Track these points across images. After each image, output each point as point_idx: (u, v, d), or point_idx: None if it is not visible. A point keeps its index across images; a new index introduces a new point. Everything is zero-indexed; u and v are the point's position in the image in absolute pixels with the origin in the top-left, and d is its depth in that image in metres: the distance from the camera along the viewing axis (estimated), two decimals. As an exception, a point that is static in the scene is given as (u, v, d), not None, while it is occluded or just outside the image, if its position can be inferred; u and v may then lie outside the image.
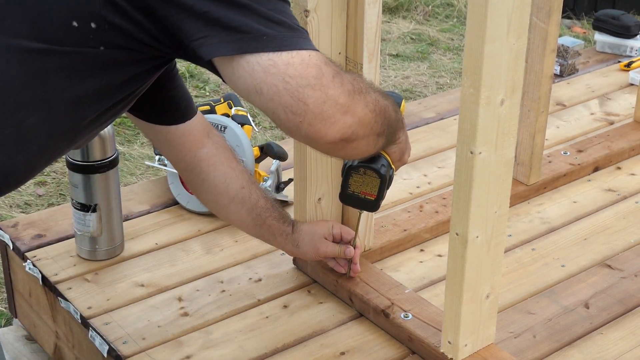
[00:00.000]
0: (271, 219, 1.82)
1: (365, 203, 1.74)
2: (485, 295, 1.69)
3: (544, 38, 2.21)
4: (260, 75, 1.27)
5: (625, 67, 3.20)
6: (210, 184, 1.77)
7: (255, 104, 1.31)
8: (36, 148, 1.35)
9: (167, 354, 1.80)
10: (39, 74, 1.29)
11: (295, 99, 1.28)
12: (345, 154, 1.47)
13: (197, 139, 1.75)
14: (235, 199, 1.78)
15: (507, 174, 1.60)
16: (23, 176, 1.40)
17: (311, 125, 1.31)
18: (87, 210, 2.02)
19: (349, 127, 1.35)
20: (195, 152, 1.75)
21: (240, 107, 2.36)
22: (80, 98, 1.34)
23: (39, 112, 1.31)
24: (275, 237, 1.85)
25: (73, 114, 1.35)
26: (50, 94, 1.31)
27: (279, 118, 1.31)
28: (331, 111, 1.31)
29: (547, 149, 2.55)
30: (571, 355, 1.80)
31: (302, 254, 1.88)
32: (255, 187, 1.81)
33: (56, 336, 2.07)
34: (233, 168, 1.79)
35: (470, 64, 1.46)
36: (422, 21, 4.89)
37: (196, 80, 3.95)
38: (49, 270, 2.04)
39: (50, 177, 3.16)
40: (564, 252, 2.15)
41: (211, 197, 1.80)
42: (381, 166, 1.68)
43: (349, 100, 1.34)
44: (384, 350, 1.82)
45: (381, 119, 1.46)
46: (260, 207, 1.81)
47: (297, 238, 1.85)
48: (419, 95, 3.95)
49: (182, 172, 1.80)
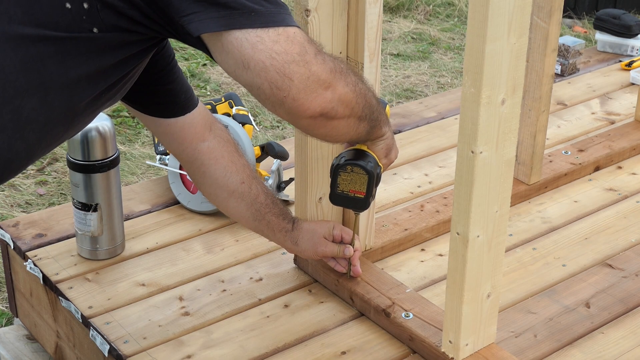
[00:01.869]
0: (271, 214, 1.82)
1: (356, 201, 1.74)
2: (486, 294, 1.69)
3: (545, 37, 2.21)
4: (248, 51, 1.31)
5: (626, 66, 3.20)
6: (211, 177, 1.78)
7: (240, 79, 1.35)
8: (35, 134, 1.37)
9: (168, 354, 1.80)
10: (34, 60, 1.30)
11: (281, 74, 1.33)
12: (326, 133, 1.49)
13: (198, 132, 1.75)
14: (234, 193, 1.79)
15: (508, 173, 1.60)
16: (24, 162, 1.42)
17: (295, 100, 1.36)
18: (88, 210, 2.02)
19: (329, 101, 1.40)
20: (196, 145, 1.76)
21: (241, 106, 2.36)
22: (75, 82, 1.35)
23: (36, 97, 1.32)
24: (274, 233, 1.85)
25: (69, 98, 1.37)
26: (46, 79, 1.32)
27: (264, 93, 1.35)
28: (314, 86, 1.37)
29: (548, 148, 2.55)
30: (572, 355, 1.80)
31: (301, 252, 1.88)
32: (256, 182, 1.82)
33: (57, 336, 2.07)
34: (234, 162, 1.79)
35: (471, 63, 1.47)
36: (423, 20, 4.89)
37: (197, 80, 3.95)
38: (49, 269, 2.05)
39: (51, 177, 3.16)
40: (565, 251, 2.15)
41: (211, 190, 1.81)
42: (368, 162, 1.69)
43: (331, 76, 1.39)
44: (384, 349, 1.82)
45: (362, 101, 1.50)
46: (260, 202, 1.81)
47: (297, 235, 1.85)
48: (420, 94, 3.95)
49: (184, 163, 1.82)
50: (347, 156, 1.71)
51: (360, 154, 1.70)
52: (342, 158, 1.71)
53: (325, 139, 1.55)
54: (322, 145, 1.89)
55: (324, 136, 1.53)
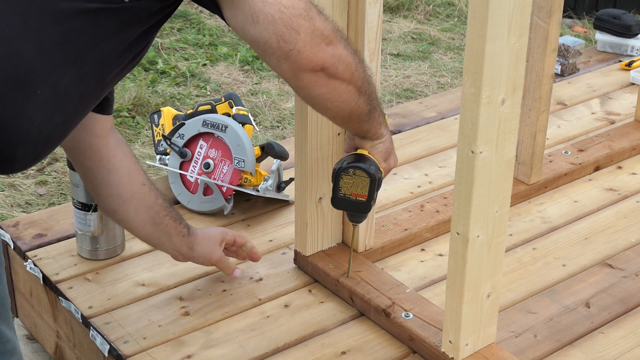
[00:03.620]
0: (169, 218, 1.84)
1: (358, 205, 1.75)
2: (486, 294, 1.69)
3: (545, 37, 2.21)
4: (258, 4, 1.37)
5: (626, 66, 3.20)
6: (117, 175, 1.77)
7: (247, 35, 1.40)
8: (71, 107, 1.40)
9: (168, 354, 1.80)
10: (71, 34, 1.33)
11: (289, 27, 1.39)
12: (327, 94, 1.51)
13: (108, 129, 1.76)
14: (137, 194, 1.79)
15: (508, 173, 1.60)
16: (61, 136, 1.44)
17: (300, 52, 1.41)
18: (88, 210, 2.02)
19: (331, 56, 1.46)
20: (107, 141, 1.75)
21: (241, 106, 2.36)
22: (106, 54, 1.39)
23: (72, 71, 1.35)
24: (171, 237, 1.85)
25: (100, 71, 1.40)
26: (82, 52, 1.35)
27: (270, 47, 1.40)
28: (318, 40, 1.43)
29: (548, 148, 2.55)
30: (572, 355, 1.80)
31: (196, 258, 1.90)
32: (153, 186, 1.84)
33: (57, 336, 2.07)
34: (136, 164, 1.81)
35: (471, 63, 1.47)
36: (423, 20, 4.89)
37: (197, 80, 3.95)
38: (49, 269, 2.05)
39: (51, 177, 3.16)
40: (565, 251, 2.15)
41: (114, 190, 1.78)
42: (370, 166, 1.70)
43: (333, 35, 1.46)
44: (384, 349, 1.82)
45: (362, 72, 1.54)
46: (159, 205, 1.82)
47: (193, 241, 1.87)
48: (420, 94, 3.95)
49: (88, 160, 1.77)
50: (349, 160, 1.72)
51: (362, 157, 1.71)
52: (344, 162, 1.72)
53: (325, 104, 1.54)
54: (323, 145, 1.89)
55: (325, 99, 1.53)
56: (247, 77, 4.03)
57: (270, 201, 2.32)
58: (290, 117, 3.64)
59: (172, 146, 2.28)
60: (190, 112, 2.36)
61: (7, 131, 1.31)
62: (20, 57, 1.28)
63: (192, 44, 4.31)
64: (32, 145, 1.36)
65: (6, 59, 1.27)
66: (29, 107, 1.31)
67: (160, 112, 2.43)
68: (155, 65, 4.03)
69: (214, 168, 2.24)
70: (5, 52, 1.27)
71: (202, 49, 4.25)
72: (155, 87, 3.83)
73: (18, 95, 1.29)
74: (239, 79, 4.01)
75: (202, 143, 2.26)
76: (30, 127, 1.33)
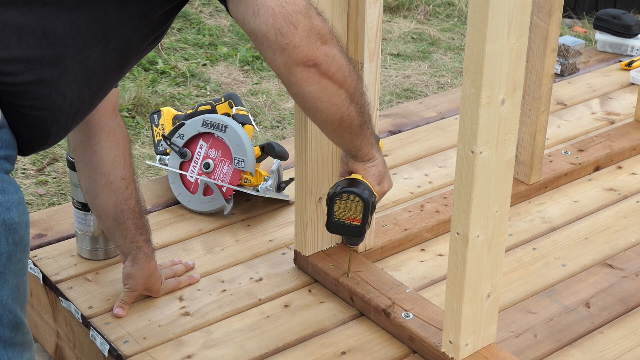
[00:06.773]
0: (131, 222, 1.84)
1: (352, 229, 1.76)
2: (486, 294, 1.69)
3: (544, 37, 2.21)
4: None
5: (626, 66, 3.20)
6: (99, 159, 1.78)
7: (247, 26, 1.43)
8: (97, 83, 1.44)
9: (168, 354, 1.80)
10: (100, 12, 1.37)
11: (288, 22, 1.42)
12: (317, 92, 1.52)
13: (108, 109, 1.77)
14: (111, 185, 1.80)
15: (508, 173, 1.60)
16: (86, 112, 1.49)
17: (295, 47, 1.44)
18: (88, 210, 2.02)
19: (325, 55, 1.49)
20: (102, 121, 1.77)
21: (241, 106, 2.36)
22: (130, 32, 1.43)
23: (99, 48, 1.40)
24: (125, 240, 1.86)
25: (124, 50, 1.45)
26: (109, 30, 1.40)
27: (268, 40, 1.43)
28: (314, 37, 1.46)
29: (548, 148, 2.55)
30: (572, 355, 1.80)
31: (133, 274, 1.89)
32: (135, 187, 1.84)
33: (57, 336, 2.07)
34: (125, 157, 1.82)
35: (471, 63, 1.47)
36: (423, 20, 4.89)
37: (197, 80, 3.95)
38: (49, 269, 2.05)
39: (51, 177, 3.16)
40: (565, 251, 2.15)
41: (91, 173, 1.80)
42: (363, 190, 1.72)
43: (329, 36, 1.49)
44: (384, 349, 1.82)
45: (354, 80, 1.57)
46: (129, 207, 1.83)
47: (141, 258, 1.87)
48: (419, 94, 3.95)
49: (81, 134, 1.79)
50: (343, 184, 1.73)
51: (355, 182, 1.73)
52: (337, 187, 1.74)
53: (316, 103, 1.54)
54: (322, 145, 1.89)
55: (315, 98, 1.53)
56: (247, 77, 4.02)
57: (270, 201, 2.32)
58: (290, 117, 3.64)
59: (172, 146, 2.28)
60: (190, 112, 2.36)
61: (45, 108, 1.37)
62: (55, 34, 1.33)
63: (192, 44, 4.31)
64: (64, 120, 1.42)
65: (44, 35, 1.32)
66: (62, 83, 1.36)
67: (160, 112, 2.43)
68: (155, 65, 4.02)
69: (214, 168, 2.24)
70: (42, 30, 1.32)
71: (202, 49, 4.25)
72: (155, 87, 3.83)
73: (55, 71, 1.35)
74: (239, 79, 4.01)
75: (202, 143, 2.26)
76: (63, 102, 1.38)
